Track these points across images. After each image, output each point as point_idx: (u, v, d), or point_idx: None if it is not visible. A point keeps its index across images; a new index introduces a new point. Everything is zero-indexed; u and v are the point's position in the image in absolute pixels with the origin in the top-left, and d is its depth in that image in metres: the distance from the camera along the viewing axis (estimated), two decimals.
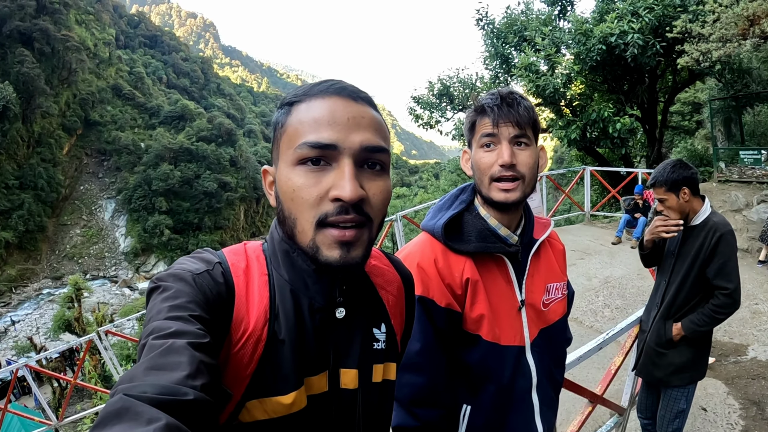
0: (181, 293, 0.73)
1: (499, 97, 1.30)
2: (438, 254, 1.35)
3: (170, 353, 0.62)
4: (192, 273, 0.77)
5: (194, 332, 0.67)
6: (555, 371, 1.50)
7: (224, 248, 0.89)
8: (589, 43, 11.32)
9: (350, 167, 0.78)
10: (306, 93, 0.83)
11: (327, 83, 0.84)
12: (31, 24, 72.26)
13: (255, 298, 0.82)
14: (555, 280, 1.48)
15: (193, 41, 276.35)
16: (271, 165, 0.89)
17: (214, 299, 0.76)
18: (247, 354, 0.78)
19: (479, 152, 1.33)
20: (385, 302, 1.01)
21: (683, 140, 17.60)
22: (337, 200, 0.77)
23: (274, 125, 0.87)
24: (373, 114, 0.85)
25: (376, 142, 0.82)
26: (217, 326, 0.74)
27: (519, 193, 1.29)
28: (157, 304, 0.71)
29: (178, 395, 0.56)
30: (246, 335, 0.78)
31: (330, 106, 0.80)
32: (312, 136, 0.78)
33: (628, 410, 3.30)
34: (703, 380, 4.62)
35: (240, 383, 0.77)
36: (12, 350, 37.90)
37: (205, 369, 0.63)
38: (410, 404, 1.31)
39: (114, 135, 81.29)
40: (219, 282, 0.79)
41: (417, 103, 16.16)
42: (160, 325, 0.66)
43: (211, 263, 0.81)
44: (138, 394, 0.54)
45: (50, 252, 67.91)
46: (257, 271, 0.86)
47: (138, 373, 0.59)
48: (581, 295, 6.96)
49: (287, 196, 0.80)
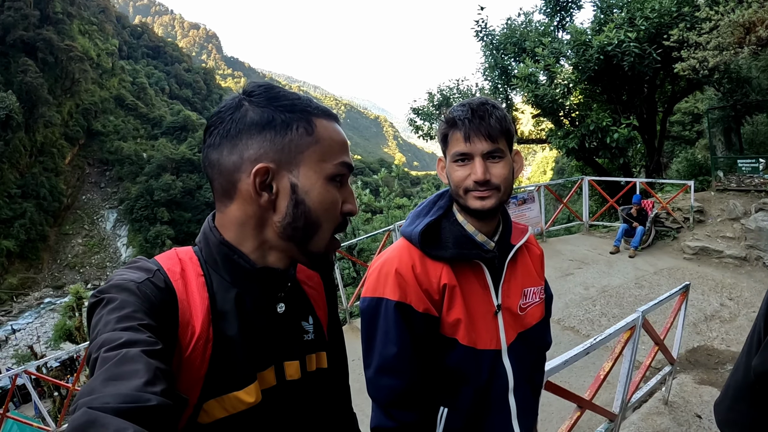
0: (127, 303, 0.73)
1: (470, 110, 1.29)
2: (416, 260, 1.36)
3: (125, 362, 0.62)
4: (135, 282, 0.77)
5: (146, 340, 0.67)
6: (534, 375, 1.50)
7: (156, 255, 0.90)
8: (588, 54, 11.38)
9: (351, 186, 0.90)
10: (315, 109, 0.89)
11: (322, 107, 0.91)
12: (35, 34, 72.88)
13: (196, 299, 0.83)
14: (532, 285, 1.49)
15: (196, 52, 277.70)
16: (271, 164, 0.84)
17: (159, 306, 0.77)
18: (198, 356, 0.79)
19: (453, 166, 1.34)
20: (309, 296, 1.06)
21: (684, 150, 17.65)
22: (350, 214, 0.91)
23: (286, 125, 0.85)
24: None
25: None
26: (165, 332, 0.75)
27: (494, 200, 1.30)
28: (104, 316, 0.71)
29: (141, 402, 0.57)
30: (195, 337, 0.79)
31: (342, 132, 0.92)
32: (347, 158, 0.90)
33: (619, 416, 3.29)
34: (698, 388, 4.64)
35: (195, 386, 0.78)
36: (12, 359, 37.79)
37: (162, 375, 0.63)
38: (388, 406, 1.33)
39: (116, 145, 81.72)
40: (161, 288, 0.79)
41: (417, 114, 16.21)
42: (111, 337, 0.66)
43: (150, 271, 0.82)
44: (100, 405, 0.54)
45: (52, 261, 68.01)
46: (193, 272, 0.86)
47: (96, 386, 0.58)
48: (578, 304, 6.95)
49: (322, 206, 0.87)
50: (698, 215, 10.02)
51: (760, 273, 7.96)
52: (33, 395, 8.37)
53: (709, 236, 9.31)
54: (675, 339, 4.35)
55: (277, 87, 0.88)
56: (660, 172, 14.28)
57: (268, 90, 0.87)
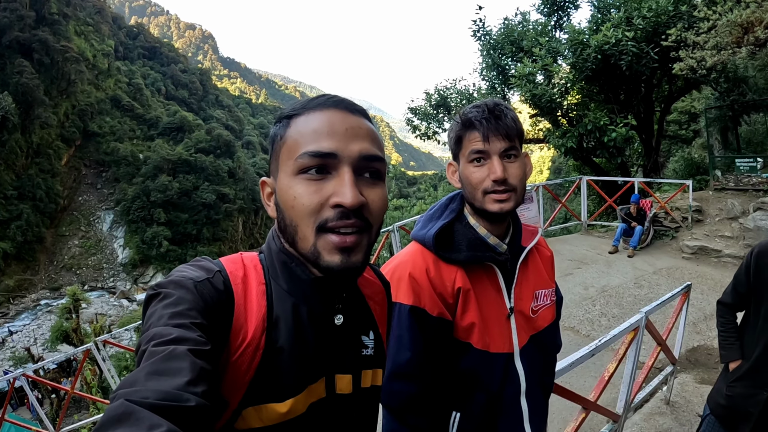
0: (183, 300, 0.73)
1: (487, 110, 1.30)
2: (430, 264, 1.36)
3: (172, 359, 0.62)
4: (193, 280, 0.77)
5: (195, 339, 0.67)
6: (545, 377, 1.50)
7: (221, 257, 0.90)
8: (585, 53, 11.39)
9: (350, 174, 0.80)
10: (304, 106, 0.86)
11: (324, 97, 0.86)
12: (31, 35, 72.43)
13: (254, 306, 0.83)
14: (543, 287, 1.49)
15: (192, 53, 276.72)
16: (269, 177, 0.90)
17: (215, 307, 0.77)
18: (245, 362, 0.78)
19: (469, 167, 1.33)
20: (373, 311, 1.04)
21: (680, 149, 17.65)
22: (338, 206, 0.79)
23: (272, 138, 0.89)
24: (368, 125, 0.87)
25: (373, 151, 0.84)
26: (216, 334, 0.75)
27: (512, 203, 1.30)
28: (158, 310, 0.71)
29: (180, 401, 0.57)
30: (245, 343, 0.79)
31: (329, 118, 0.83)
32: (312, 146, 0.80)
33: (623, 417, 3.29)
34: (699, 387, 4.64)
35: (237, 391, 0.78)
36: (9, 361, 37.61)
37: (205, 376, 0.63)
38: (400, 411, 1.32)
39: (113, 146, 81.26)
40: (219, 290, 0.79)
41: (414, 114, 16.21)
42: (161, 331, 0.67)
43: (211, 271, 0.82)
44: (139, 399, 0.55)
45: (48, 263, 67.68)
46: (255, 280, 0.86)
47: (139, 378, 0.59)
48: (578, 304, 6.95)
49: (288, 205, 0.82)
50: (696, 215, 10.04)
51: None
52: (31, 399, 8.35)
53: (707, 235, 9.33)
54: (676, 339, 4.35)
55: (298, 101, 0.89)
56: (658, 172, 14.30)
57: (289, 107, 0.89)
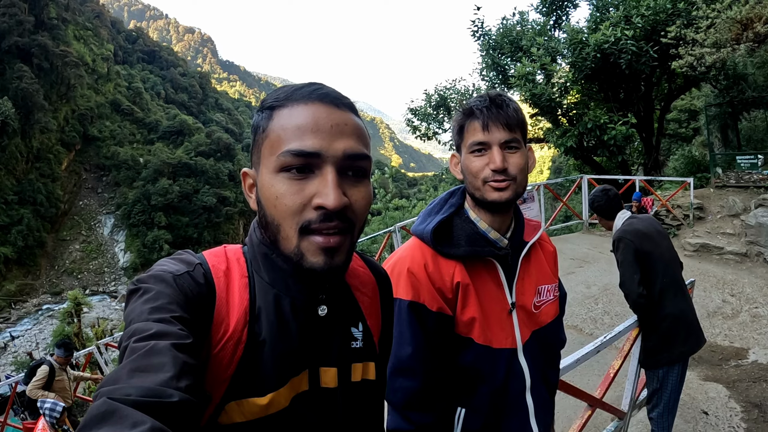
0: (162, 294, 0.72)
1: (488, 99, 1.29)
2: (428, 259, 1.34)
3: (153, 355, 0.61)
4: (173, 274, 0.76)
5: (177, 333, 0.66)
6: (549, 373, 1.49)
7: (204, 251, 0.88)
8: (585, 52, 11.40)
9: (333, 175, 0.78)
10: (288, 97, 0.82)
11: (310, 88, 0.83)
12: (30, 40, 72.67)
13: (236, 299, 0.81)
14: (546, 282, 1.48)
15: (191, 56, 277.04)
16: (251, 168, 0.88)
17: (195, 300, 0.75)
18: (227, 356, 0.77)
19: (470, 157, 1.33)
20: (360, 303, 1.00)
21: (681, 147, 17.65)
22: (321, 208, 0.76)
23: (254, 129, 0.86)
24: (355, 121, 0.84)
25: (358, 149, 0.81)
26: (198, 327, 0.73)
27: (511, 192, 1.29)
28: (138, 306, 0.70)
29: (163, 397, 0.56)
30: (226, 336, 0.77)
31: (313, 113, 0.80)
32: (295, 144, 0.77)
33: (628, 414, 3.28)
34: (704, 384, 4.63)
35: (220, 385, 0.76)
36: (11, 366, 37.63)
37: (188, 370, 0.62)
38: (404, 408, 1.31)
39: (113, 150, 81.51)
40: (200, 283, 0.78)
41: (414, 115, 16.25)
42: (142, 327, 0.66)
43: (191, 264, 0.81)
44: (122, 396, 0.54)
45: (49, 267, 67.80)
46: (237, 273, 0.85)
47: (122, 376, 0.58)
48: (581, 302, 6.94)
49: (270, 203, 0.79)
50: (698, 212, 10.03)
51: (760, 269, 7.96)
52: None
53: (709, 233, 9.32)
54: None
55: (281, 88, 0.86)
56: (658, 170, 14.31)
57: (270, 93, 0.87)
